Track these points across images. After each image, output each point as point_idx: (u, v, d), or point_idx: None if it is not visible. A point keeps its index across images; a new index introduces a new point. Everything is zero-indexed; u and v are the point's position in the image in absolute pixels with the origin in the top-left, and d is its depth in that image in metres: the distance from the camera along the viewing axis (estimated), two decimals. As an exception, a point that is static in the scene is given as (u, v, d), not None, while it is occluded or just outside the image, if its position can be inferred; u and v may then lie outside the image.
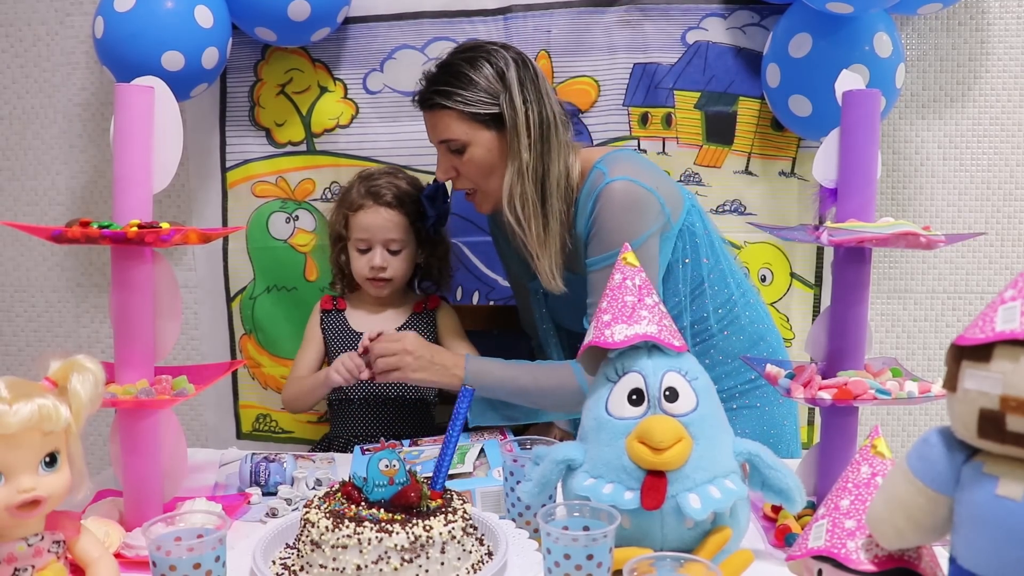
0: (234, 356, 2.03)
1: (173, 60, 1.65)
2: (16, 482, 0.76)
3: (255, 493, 1.22)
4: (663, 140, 1.84)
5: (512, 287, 1.78)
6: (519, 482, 1.03)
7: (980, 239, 1.89)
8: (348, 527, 0.88)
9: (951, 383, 0.62)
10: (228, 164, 1.96)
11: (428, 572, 0.88)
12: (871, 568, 0.69)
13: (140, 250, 1.06)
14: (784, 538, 1.02)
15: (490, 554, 0.96)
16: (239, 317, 2.01)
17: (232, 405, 2.05)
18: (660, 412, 0.93)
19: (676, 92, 1.82)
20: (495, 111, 1.37)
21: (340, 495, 0.96)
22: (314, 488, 1.24)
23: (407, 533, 0.87)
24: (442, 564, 0.89)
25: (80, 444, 0.82)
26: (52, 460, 0.79)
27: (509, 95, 1.36)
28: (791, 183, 1.85)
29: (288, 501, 1.18)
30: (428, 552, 0.88)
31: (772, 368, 1.12)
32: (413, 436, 1.49)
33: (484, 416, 1.44)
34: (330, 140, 1.91)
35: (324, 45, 1.87)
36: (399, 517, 0.90)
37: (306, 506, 0.95)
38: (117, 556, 0.95)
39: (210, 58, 1.71)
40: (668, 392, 0.94)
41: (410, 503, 0.92)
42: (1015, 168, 1.87)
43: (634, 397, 0.94)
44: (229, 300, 2.01)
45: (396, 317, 1.68)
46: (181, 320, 1.16)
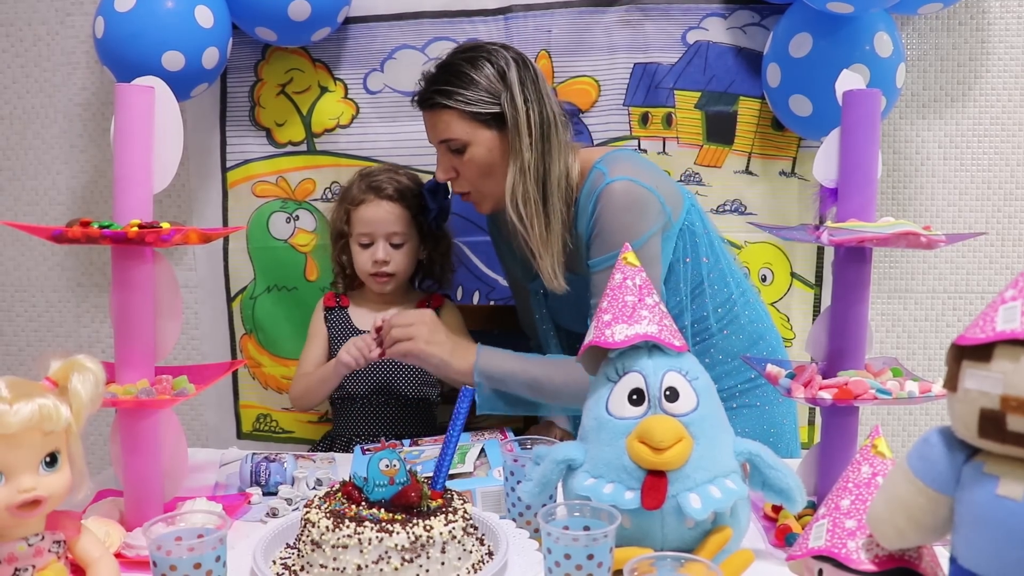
0: (234, 356, 2.03)
1: (173, 60, 1.65)
2: (17, 482, 0.76)
3: (255, 493, 1.22)
4: (663, 140, 1.84)
5: (511, 288, 1.78)
6: (519, 482, 1.03)
7: (981, 239, 1.88)
8: (349, 527, 0.88)
9: (951, 383, 0.62)
10: (228, 164, 1.96)
11: (429, 572, 0.88)
12: (872, 568, 0.69)
13: (140, 250, 1.06)
14: (784, 538, 1.02)
15: (491, 554, 0.96)
16: (239, 317, 2.01)
17: (232, 405, 2.05)
18: (660, 412, 0.93)
19: (676, 92, 1.82)
20: (496, 110, 1.37)
21: (341, 495, 0.96)
22: (314, 488, 1.24)
23: (407, 533, 0.87)
24: (442, 564, 0.89)
25: (80, 444, 0.82)
26: (52, 460, 0.79)
27: (510, 94, 1.36)
28: (791, 183, 1.85)
29: (288, 501, 1.18)
30: (429, 552, 0.88)
31: (773, 368, 1.12)
32: (415, 435, 1.49)
33: (493, 404, 1.43)
34: (330, 140, 1.91)
35: (324, 45, 1.87)
36: (399, 517, 0.90)
37: (306, 506, 0.95)
38: (117, 556, 0.95)
39: (210, 58, 1.71)
40: (668, 392, 0.94)
41: (411, 503, 0.92)
42: (1016, 168, 1.87)
43: (634, 397, 0.94)
44: (229, 300, 2.01)
45: None
46: (181, 320, 1.15)
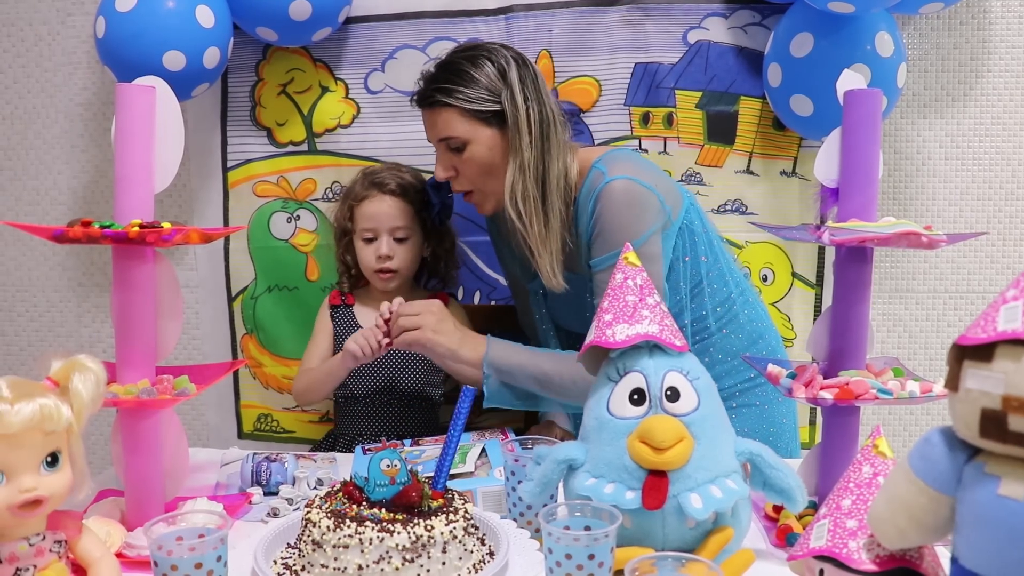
0: (235, 356, 2.03)
1: (174, 60, 1.65)
2: (18, 482, 0.76)
3: (256, 493, 1.22)
4: (664, 140, 1.84)
5: (511, 289, 1.78)
6: (520, 482, 1.03)
7: (982, 239, 1.88)
8: (349, 527, 0.88)
9: (953, 383, 0.62)
10: (229, 164, 1.96)
11: (429, 572, 0.88)
12: (873, 568, 0.69)
13: (141, 250, 1.06)
14: (785, 538, 1.02)
15: (491, 554, 0.96)
16: (240, 317, 2.01)
17: (233, 405, 2.05)
18: (661, 412, 0.93)
19: (677, 92, 1.82)
20: (496, 108, 1.37)
21: (341, 495, 0.96)
22: (315, 488, 1.24)
23: (408, 533, 0.87)
24: (443, 564, 0.89)
25: (81, 444, 0.82)
26: (54, 460, 0.79)
27: (511, 92, 1.37)
28: (792, 183, 1.85)
29: (289, 501, 1.18)
30: (429, 552, 0.88)
31: (774, 368, 1.12)
32: (418, 435, 1.49)
33: (500, 397, 1.43)
34: (331, 140, 1.91)
35: (325, 45, 1.87)
36: (400, 517, 0.90)
37: (307, 506, 0.95)
38: (118, 556, 0.95)
39: (211, 58, 1.71)
40: (669, 392, 0.94)
41: (411, 503, 0.92)
42: (1017, 167, 1.87)
43: (635, 397, 0.94)
44: (230, 300, 2.01)
45: None
46: (182, 320, 1.16)
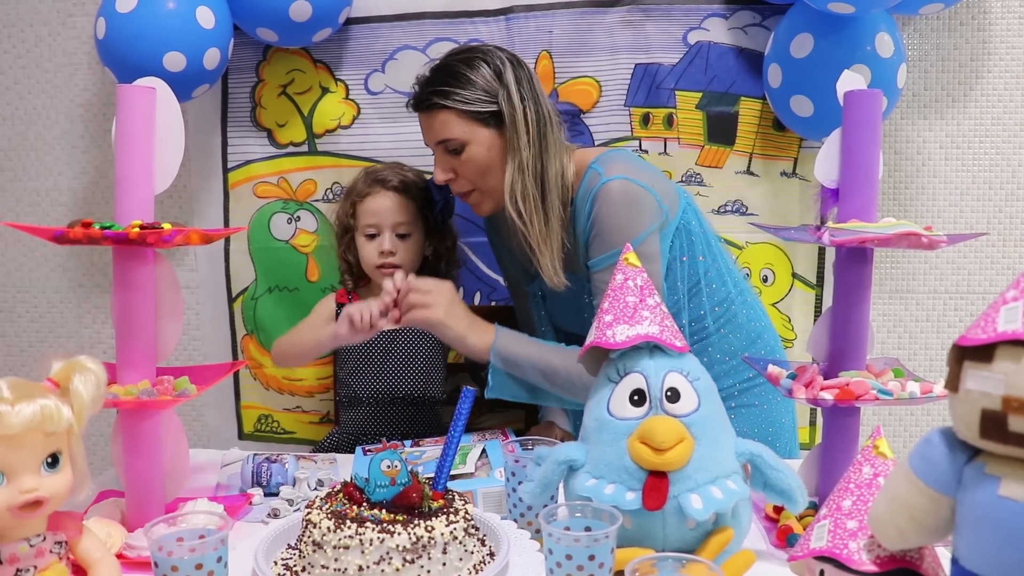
0: (236, 357, 2.03)
1: (175, 61, 1.65)
2: (18, 483, 0.76)
3: (257, 494, 1.22)
4: (665, 140, 1.84)
5: (510, 291, 1.78)
6: (521, 483, 1.03)
7: (982, 239, 1.88)
8: (350, 528, 0.88)
9: (953, 383, 0.62)
10: (230, 165, 1.96)
11: (430, 573, 0.88)
12: (873, 569, 0.69)
13: (142, 251, 1.06)
14: (786, 539, 1.02)
15: (492, 555, 0.96)
16: (241, 318, 2.01)
17: (234, 406, 2.05)
18: (662, 412, 0.93)
19: (678, 92, 1.82)
20: (493, 109, 1.38)
21: (342, 496, 0.96)
22: (316, 489, 1.24)
23: (409, 534, 0.87)
24: (444, 565, 0.89)
25: (82, 445, 0.82)
26: (54, 461, 0.79)
27: (507, 93, 1.37)
28: (793, 183, 1.85)
29: (290, 502, 1.18)
30: (430, 553, 0.88)
31: (774, 368, 1.12)
32: (418, 436, 1.49)
33: (504, 389, 1.42)
34: (332, 141, 1.91)
35: (326, 46, 1.87)
36: (401, 518, 0.90)
37: (308, 507, 0.95)
38: (119, 557, 0.95)
39: (212, 59, 1.71)
40: (670, 392, 0.94)
41: (412, 504, 0.92)
42: (1017, 168, 1.87)
43: (636, 398, 0.94)
44: (231, 301, 2.01)
45: None
46: (183, 321, 1.16)
